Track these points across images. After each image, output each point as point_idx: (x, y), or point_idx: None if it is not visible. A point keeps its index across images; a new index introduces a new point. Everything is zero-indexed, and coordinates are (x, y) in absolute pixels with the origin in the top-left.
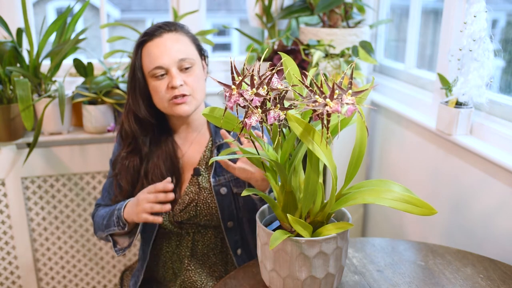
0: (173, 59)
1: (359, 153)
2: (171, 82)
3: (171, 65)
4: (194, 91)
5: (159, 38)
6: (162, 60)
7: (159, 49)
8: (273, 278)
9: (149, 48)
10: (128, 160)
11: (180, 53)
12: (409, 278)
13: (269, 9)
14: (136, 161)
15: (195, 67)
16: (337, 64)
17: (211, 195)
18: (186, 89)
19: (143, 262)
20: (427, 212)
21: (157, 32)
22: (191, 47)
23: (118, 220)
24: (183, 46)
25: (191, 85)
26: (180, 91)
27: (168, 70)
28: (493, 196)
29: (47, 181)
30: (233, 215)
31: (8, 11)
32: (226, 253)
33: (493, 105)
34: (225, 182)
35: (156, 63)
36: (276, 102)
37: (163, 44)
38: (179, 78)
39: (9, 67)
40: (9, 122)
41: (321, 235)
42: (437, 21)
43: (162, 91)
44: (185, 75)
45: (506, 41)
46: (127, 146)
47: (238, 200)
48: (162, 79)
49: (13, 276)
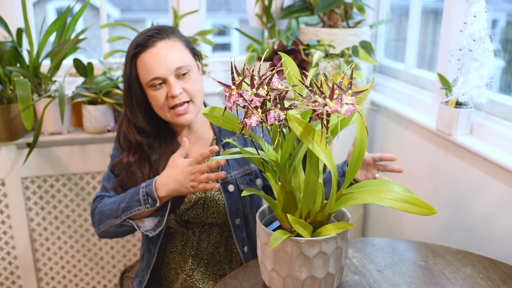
0: (170, 68)
1: (359, 153)
2: (170, 92)
3: (168, 74)
4: (194, 96)
5: (153, 48)
6: (159, 71)
7: (154, 60)
8: (273, 278)
9: (143, 59)
10: (136, 167)
11: (176, 61)
12: (409, 278)
13: (269, 9)
14: (145, 168)
15: (192, 72)
16: (337, 64)
17: (219, 192)
18: (185, 96)
19: (149, 262)
20: (427, 212)
21: (149, 42)
22: (185, 52)
23: (146, 197)
24: (178, 53)
25: (190, 91)
26: (180, 99)
27: (166, 80)
28: (493, 196)
29: (47, 181)
30: (240, 212)
31: (8, 11)
32: (231, 251)
33: (493, 105)
34: (232, 179)
35: (153, 74)
36: (276, 102)
37: (158, 54)
38: (177, 87)
39: (9, 67)
40: (9, 122)
41: (321, 235)
42: (437, 21)
43: (162, 100)
44: (182, 82)
45: (506, 41)
46: (132, 154)
47: (245, 197)
48: (160, 89)
49: (13, 276)
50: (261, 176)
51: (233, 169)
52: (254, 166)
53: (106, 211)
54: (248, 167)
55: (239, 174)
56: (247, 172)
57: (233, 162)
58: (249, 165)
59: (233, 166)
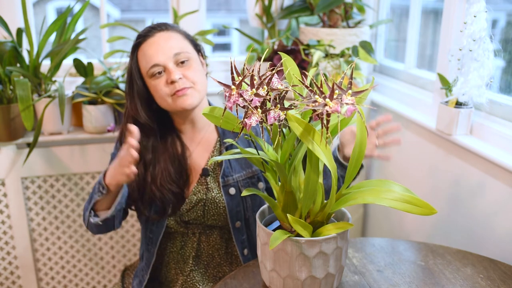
0: (168, 55)
1: (359, 153)
2: (170, 77)
3: (167, 61)
4: (195, 83)
5: (152, 38)
6: (158, 58)
7: (153, 48)
8: (273, 278)
9: (143, 49)
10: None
11: (174, 48)
12: (409, 278)
13: (269, 9)
14: (140, 169)
15: (192, 61)
16: (337, 64)
17: (220, 195)
18: (186, 82)
19: (148, 262)
20: (427, 212)
21: (150, 33)
22: (185, 42)
23: (99, 186)
24: (176, 41)
25: (191, 77)
26: (180, 85)
27: (165, 67)
28: (493, 196)
29: (47, 181)
30: (241, 215)
31: (8, 11)
32: (231, 254)
33: (493, 105)
34: (234, 182)
35: (152, 61)
36: (276, 102)
37: (157, 42)
38: (177, 72)
39: (9, 67)
40: (9, 122)
41: (321, 235)
42: (437, 21)
43: (162, 88)
44: (182, 69)
45: (506, 41)
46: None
47: (246, 200)
48: (160, 77)
49: (13, 276)
50: (264, 180)
51: (235, 172)
52: (257, 169)
53: (85, 206)
54: (251, 170)
55: (241, 177)
56: (249, 175)
57: (236, 165)
58: (252, 168)
59: (235, 169)
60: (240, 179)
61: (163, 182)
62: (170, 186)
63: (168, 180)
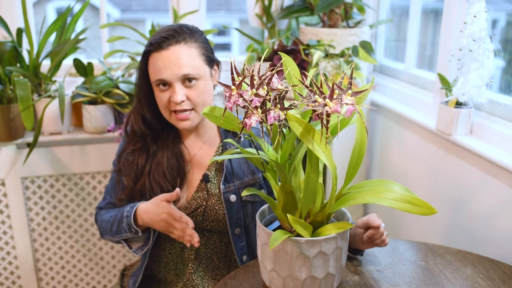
0: (176, 74)
1: (359, 153)
2: (173, 97)
3: (174, 79)
4: (197, 105)
5: (165, 51)
6: (165, 74)
7: (163, 62)
8: (273, 278)
9: (154, 58)
10: (134, 156)
11: (185, 68)
12: (409, 278)
13: (269, 9)
14: (142, 159)
15: (200, 81)
16: (337, 64)
17: (220, 201)
18: (188, 104)
19: (142, 262)
20: (427, 212)
21: (164, 44)
22: (198, 60)
23: (129, 227)
24: (188, 59)
25: (194, 99)
26: (182, 106)
27: (171, 84)
28: (493, 196)
29: (47, 181)
30: (240, 222)
31: (8, 11)
32: (230, 257)
33: (493, 105)
34: (235, 189)
35: (159, 75)
36: (276, 102)
37: (168, 58)
38: (181, 94)
39: (9, 67)
40: (9, 122)
41: (321, 235)
42: (437, 21)
43: (164, 101)
44: (188, 89)
45: (506, 41)
46: (134, 143)
47: (247, 207)
48: (165, 91)
49: (13, 276)
50: (266, 187)
51: (236, 178)
52: (259, 177)
53: (104, 227)
54: (253, 177)
55: (242, 184)
56: (251, 182)
57: (238, 171)
58: (254, 175)
59: (237, 175)
60: (241, 186)
61: (156, 175)
62: (161, 181)
63: (161, 175)
